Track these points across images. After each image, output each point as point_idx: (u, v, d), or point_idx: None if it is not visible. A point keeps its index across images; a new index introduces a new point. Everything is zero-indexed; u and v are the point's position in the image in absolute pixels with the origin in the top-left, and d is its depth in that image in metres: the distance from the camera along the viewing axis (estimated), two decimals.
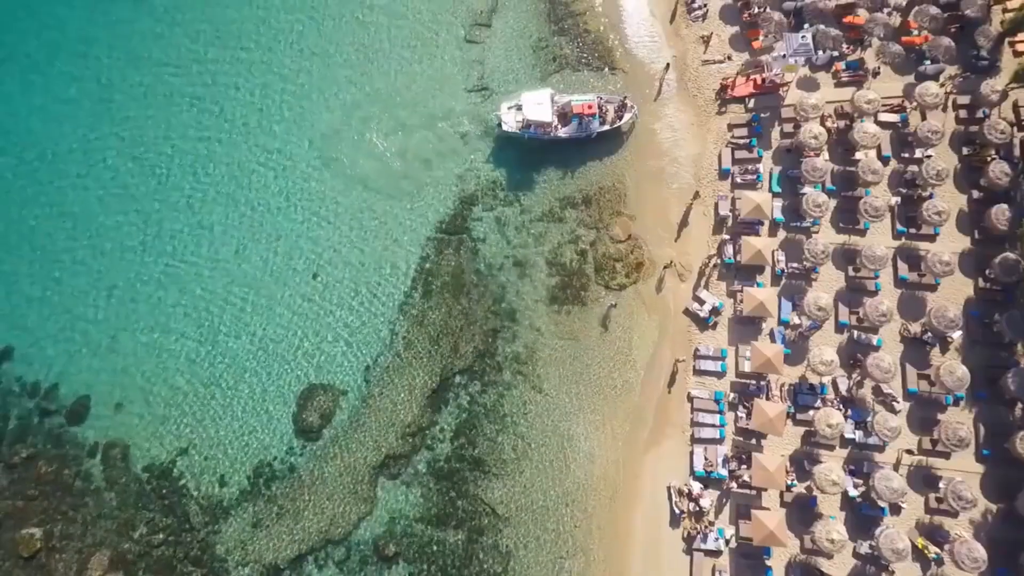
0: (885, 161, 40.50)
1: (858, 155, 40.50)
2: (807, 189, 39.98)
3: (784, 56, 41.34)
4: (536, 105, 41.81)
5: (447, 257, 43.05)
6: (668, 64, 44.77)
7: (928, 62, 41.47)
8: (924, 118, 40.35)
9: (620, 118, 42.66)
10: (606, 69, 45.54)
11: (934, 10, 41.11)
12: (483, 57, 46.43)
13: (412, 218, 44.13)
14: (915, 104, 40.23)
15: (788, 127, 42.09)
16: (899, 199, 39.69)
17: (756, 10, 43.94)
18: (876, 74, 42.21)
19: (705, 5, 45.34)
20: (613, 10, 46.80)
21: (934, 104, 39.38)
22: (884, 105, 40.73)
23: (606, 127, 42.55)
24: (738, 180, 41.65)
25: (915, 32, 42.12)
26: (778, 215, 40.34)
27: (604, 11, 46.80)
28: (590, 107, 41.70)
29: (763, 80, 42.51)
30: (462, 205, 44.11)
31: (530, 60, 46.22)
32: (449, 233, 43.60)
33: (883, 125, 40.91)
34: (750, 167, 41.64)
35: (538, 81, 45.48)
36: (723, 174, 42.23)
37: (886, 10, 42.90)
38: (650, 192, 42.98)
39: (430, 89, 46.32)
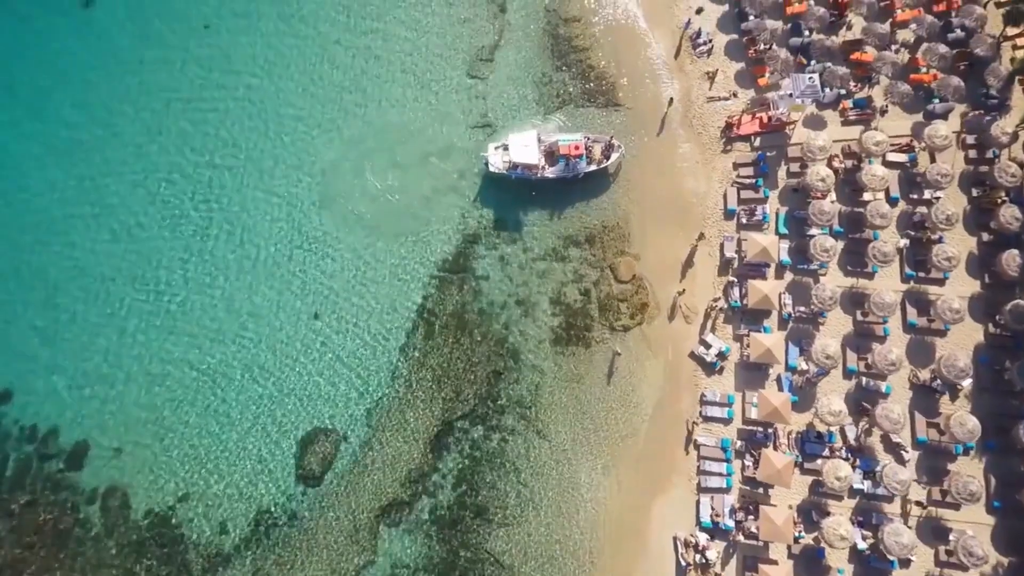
0: (893, 202, 39.92)
1: (866, 195, 40.02)
2: (814, 231, 39.49)
3: (791, 95, 40.74)
4: (523, 147, 41.56)
5: (449, 296, 42.58)
6: (672, 99, 44.26)
7: (937, 100, 40.92)
8: (933, 159, 39.82)
9: (607, 158, 42.21)
10: (609, 105, 45.00)
11: (943, 48, 40.52)
12: (485, 92, 45.91)
13: (414, 256, 43.65)
14: (923, 144, 39.67)
15: (795, 166, 41.53)
16: (907, 241, 39.13)
17: (762, 47, 43.42)
18: (884, 112, 41.66)
19: (710, 41, 44.75)
20: (616, 45, 46.14)
21: (943, 146, 38.78)
22: (892, 145, 40.20)
23: (593, 167, 42.13)
24: (744, 221, 41.12)
25: (924, 70, 41.56)
26: (785, 257, 39.81)
27: (607, 46, 46.15)
28: (577, 148, 41.30)
29: (769, 118, 42.01)
30: (464, 243, 43.61)
31: (533, 96, 45.69)
32: (451, 271, 43.10)
33: (891, 165, 40.42)
34: (756, 207, 41.08)
35: (541, 117, 45.08)
36: (728, 214, 41.70)
37: (894, 47, 42.37)
38: (654, 232, 42.43)
39: (432, 125, 45.82)
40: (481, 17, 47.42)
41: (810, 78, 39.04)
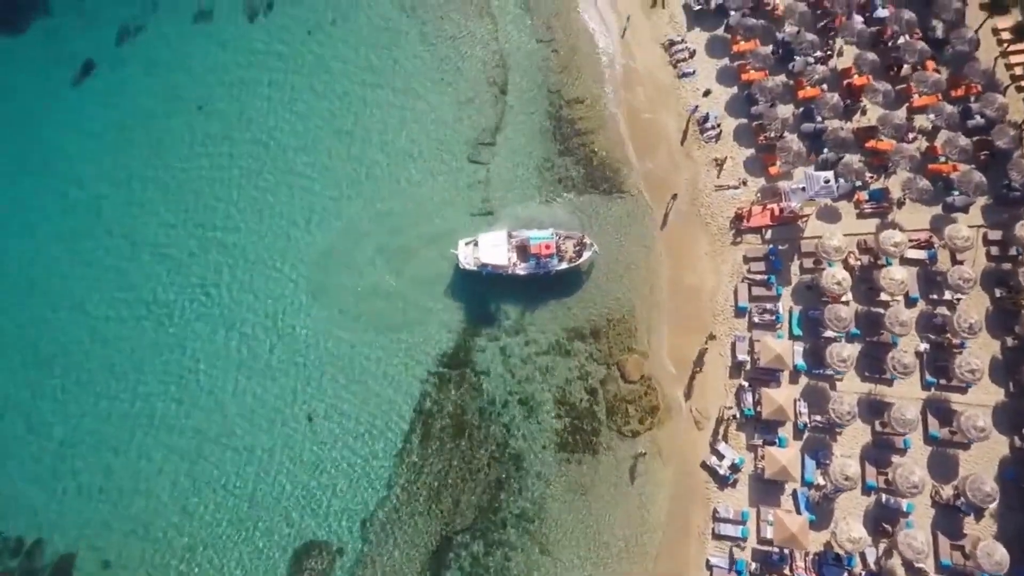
0: (912, 303, 38.24)
1: (883, 296, 38.26)
2: (830, 333, 37.74)
3: (803, 189, 39.01)
4: (492, 247, 40.45)
5: (448, 395, 40.89)
6: (675, 195, 42.46)
7: (956, 193, 39.19)
8: (954, 259, 38.09)
9: (579, 255, 40.66)
10: (613, 192, 43.36)
11: (963, 141, 38.77)
12: (486, 178, 44.22)
13: (411, 350, 41.94)
14: (943, 242, 37.96)
15: (808, 262, 39.85)
16: (928, 346, 37.36)
17: (772, 134, 41.73)
18: (901, 204, 39.97)
19: (718, 125, 43.09)
20: (620, 129, 44.41)
21: (964, 248, 37.11)
22: (911, 240, 38.53)
23: (565, 265, 40.61)
24: (756, 320, 39.40)
25: (942, 159, 39.87)
26: (799, 362, 38.05)
27: (611, 130, 44.43)
28: (548, 247, 39.92)
29: (781, 210, 40.31)
30: (463, 335, 41.95)
31: (535, 182, 44.05)
32: (450, 367, 41.45)
33: (910, 262, 38.68)
34: (768, 306, 39.35)
35: (545, 205, 43.49)
36: (739, 311, 39.99)
37: (911, 135, 40.67)
38: (662, 328, 40.76)
39: (431, 212, 44.09)
40: (482, 99, 45.75)
41: (826, 179, 37.28)
